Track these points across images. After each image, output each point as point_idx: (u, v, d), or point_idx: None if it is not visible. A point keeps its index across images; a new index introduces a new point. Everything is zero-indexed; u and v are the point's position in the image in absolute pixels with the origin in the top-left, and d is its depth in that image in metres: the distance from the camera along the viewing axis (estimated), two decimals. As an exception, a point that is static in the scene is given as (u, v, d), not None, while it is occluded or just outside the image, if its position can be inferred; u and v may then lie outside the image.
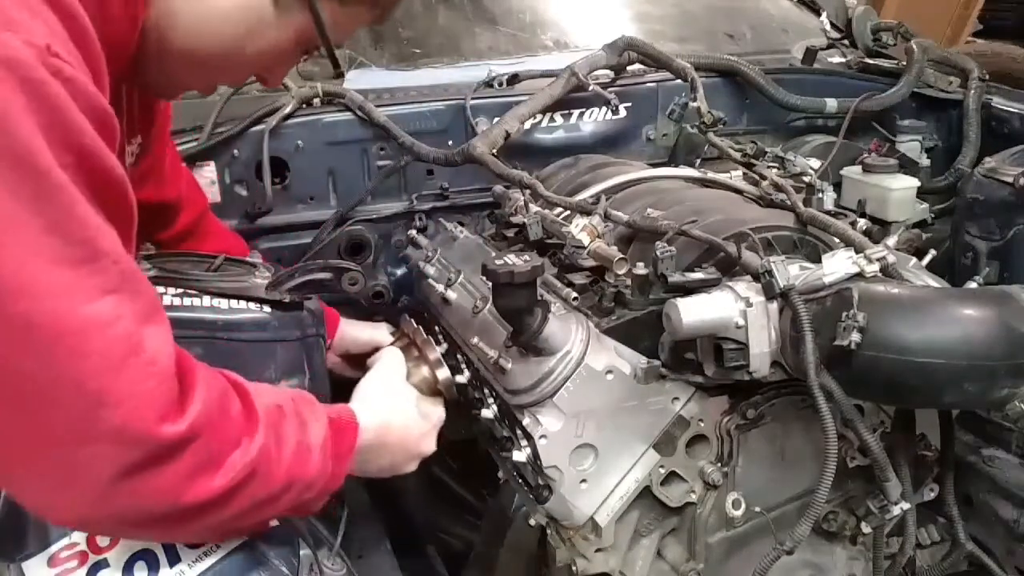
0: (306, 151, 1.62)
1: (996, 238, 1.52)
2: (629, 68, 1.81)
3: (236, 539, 0.93)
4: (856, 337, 0.93)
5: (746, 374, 1.07)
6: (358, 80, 1.77)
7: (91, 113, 0.75)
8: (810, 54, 2.09)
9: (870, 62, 2.09)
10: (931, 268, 1.18)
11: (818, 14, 2.35)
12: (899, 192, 1.64)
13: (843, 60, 2.15)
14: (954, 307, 0.96)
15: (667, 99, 1.80)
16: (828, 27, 2.31)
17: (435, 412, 1.20)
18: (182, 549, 0.91)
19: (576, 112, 1.75)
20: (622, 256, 1.15)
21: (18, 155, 0.70)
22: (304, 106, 1.64)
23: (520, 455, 1.12)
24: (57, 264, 0.72)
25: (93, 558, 0.89)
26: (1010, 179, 1.48)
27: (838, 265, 1.03)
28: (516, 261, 1.02)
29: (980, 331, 0.93)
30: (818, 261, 1.08)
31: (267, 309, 1.09)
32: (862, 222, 1.29)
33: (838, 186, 1.69)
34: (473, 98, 1.69)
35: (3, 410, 0.74)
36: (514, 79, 1.81)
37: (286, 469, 0.89)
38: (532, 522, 1.21)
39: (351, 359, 1.36)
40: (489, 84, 1.78)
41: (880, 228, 1.54)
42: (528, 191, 1.43)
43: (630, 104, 1.78)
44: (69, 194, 0.73)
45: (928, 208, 1.74)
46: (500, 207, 1.56)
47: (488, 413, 1.19)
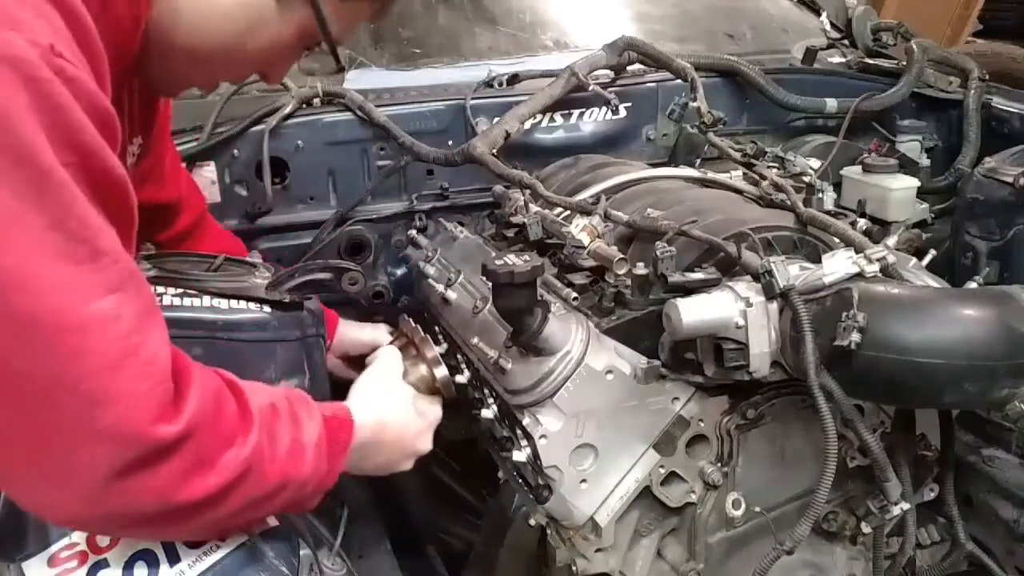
0: (306, 151, 1.62)
1: (996, 238, 1.52)
2: (629, 68, 1.81)
3: (236, 539, 0.93)
4: (856, 337, 0.93)
5: (746, 374, 1.07)
6: (358, 80, 1.77)
7: (93, 113, 0.75)
8: (810, 54, 2.09)
9: (870, 62, 2.09)
10: (931, 268, 1.18)
11: (818, 14, 2.34)
12: (899, 192, 1.64)
13: (843, 60, 2.15)
14: (954, 307, 0.96)
15: (667, 99, 1.80)
16: (828, 27, 2.31)
17: (432, 411, 1.20)
18: (182, 549, 0.91)
19: (576, 112, 1.75)
20: (622, 256, 1.15)
21: (20, 153, 0.70)
22: (304, 106, 1.64)
23: (520, 455, 1.12)
24: (60, 261, 0.72)
25: (93, 558, 0.89)
26: (1010, 179, 1.48)
27: (838, 265, 1.03)
28: (516, 261, 1.02)
29: (980, 331, 0.93)
30: (818, 261, 1.08)
31: (267, 309, 1.09)
32: (862, 222, 1.29)
33: (838, 186, 1.69)
34: (473, 98, 1.70)
35: None
36: (514, 79, 1.81)
37: (280, 468, 0.88)
38: (532, 522, 1.21)
39: (350, 360, 1.36)
40: (489, 84, 1.79)
41: (880, 228, 1.54)
42: (528, 191, 1.43)
43: (630, 104, 1.78)
44: (71, 192, 0.73)
45: (928, 208, 1.74)
46: (500, 207, 1.56)
47: (488, 413, 1.19)
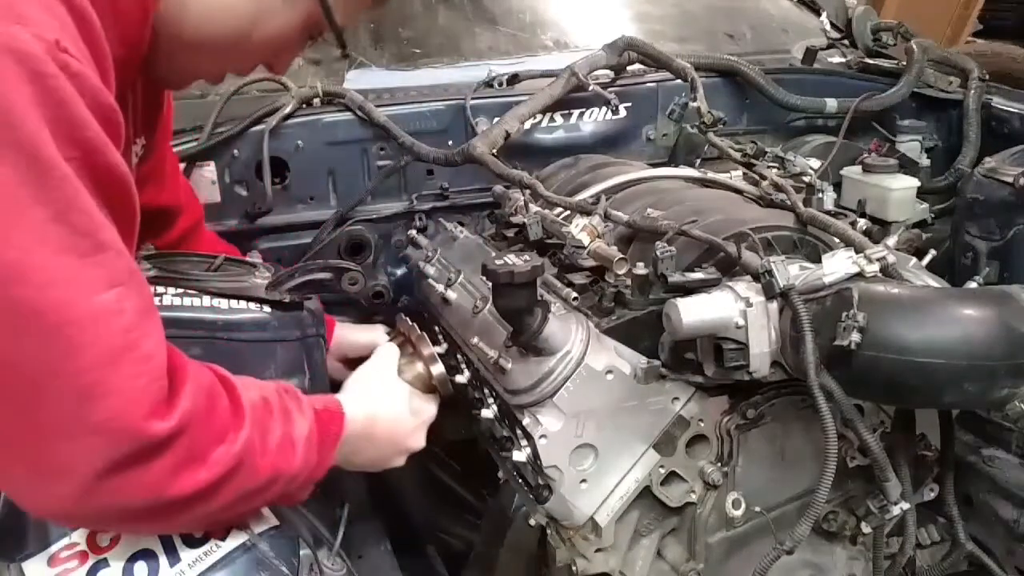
0: (306, 151, 1.62)
1: (996, 238, 1.52)
2: (629, 68, 1.81)
3: (236, 539, 0.93)
4: (856, 337, 0.93)
5: (746, 374, 1.07)
6: (358, 80, 1.77)
7: (97, 109, 0.75)
8: (810, 54, 2.09)
9: (870, 62, 2.09)
10: (931, 268, 1.18)
11: (818, 14, 2.34)
12: (899, 192, 1.64)
13: (843, 60, 2.15)
14: (954, 307, 0.96)
15: (667, 99, 1.80)
16: (828, 27, 2.31)
17: (427, 409, 1.19)
18: (182, 549, 0.91)
19: (576, 112, 1.75)
20: (622, 256, 1.15)
21: (24, 146, 0.70)
22: (304, 106, 1.64)
23: (520, 455, 1.12)
24: (63, 253, 0.73)
25: (93, 558, 0.89)
26: (1010, 179, 1.48)
27: (838, 265, 1.03)
28: (516, 261, 1.02)
29: (980, 331, 0.93)
30: (818, 261, 1.08)
31: (267, 309, 1.09)
32: (862, 222, 1.29)
33: (838, 186, 1.69)
34: (473, 98, 1.69)
35: None
36: (514, 79, 1.81)
37: (271, 462, 0.89)
38: (532, 522, 1.21)
39: (349, 363, 1.36)
40: (489, 84, 1.78)
41: (880, 228, 1.54)
42: (528, 191, 1.43)
43: (630, 104, 1.77)
44: (74, 186, 0.73)
45: (928, 208, 1.74)
46: (500, 207, 1.56)
47: (488, 413, 1.19)
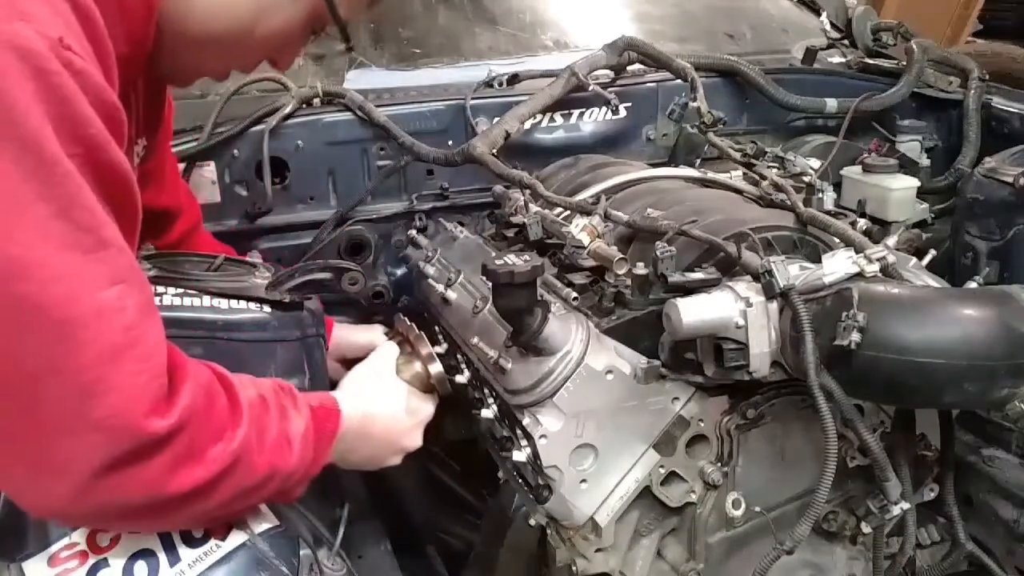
0: (306, 151, 1.62)
1: (996, 238, 1.52)
2: (629, 68, 1.81)
3: (236, 539, 0.93)
4: (856, 337, 0.92)
5: (746, 374, 1.07)
6: (358, 80, 1.77)
7: (100, 107, 0.75)
8: (810, 54, 2.09)
9: (870, 62, 2.09)
10: (931, 268, 1.18)
11: (818, 14, 2.34)
12: (899, 192, 1.64)
13: (843, 60, 2.15)
14: (954, 307, 0.96)
15: (667, 99, 1.80)
16: (828, 27, 2.31)
17: (424, 408, 1.19)
18: (183, 549, 0.91)
19: (576, 112, 1.75)
20: (622, 256, 1.15)
21: (26, 142, 0.70)
22: (304, 106, 1.64)
23: (520, 455, 1.12)
24: (67, 250, 0.73)
25: (93, 557, 0.89)
26: (1010, 179, 1.48)
27: (838, 265, 1.03)
28: (516, 261, 1.02)
29: (980, 331, 0.93)
30: (818, 261, 1.08)
31: (267, 309, 1.09)
32: (862, 222, 1.29)
33: (838, 186, 1.69)
34: (473, 98, 1.69)
35: None
36: (514, 79, 1.81)
37: (268, 460, 0.89)
38: (532, 522, 1.21)
39: (347, 363, 1.36)
40: (489, 84, 1.79)
41: (880, 228, 1.54)
42: (528, 191, 1.43)
43: (630, 104, 1.77)
44: (76, 182, 0.73)
45: (928, 208, 1.74)
46: (500, 207, 1.56)
47: (488, 413, 1.19)
